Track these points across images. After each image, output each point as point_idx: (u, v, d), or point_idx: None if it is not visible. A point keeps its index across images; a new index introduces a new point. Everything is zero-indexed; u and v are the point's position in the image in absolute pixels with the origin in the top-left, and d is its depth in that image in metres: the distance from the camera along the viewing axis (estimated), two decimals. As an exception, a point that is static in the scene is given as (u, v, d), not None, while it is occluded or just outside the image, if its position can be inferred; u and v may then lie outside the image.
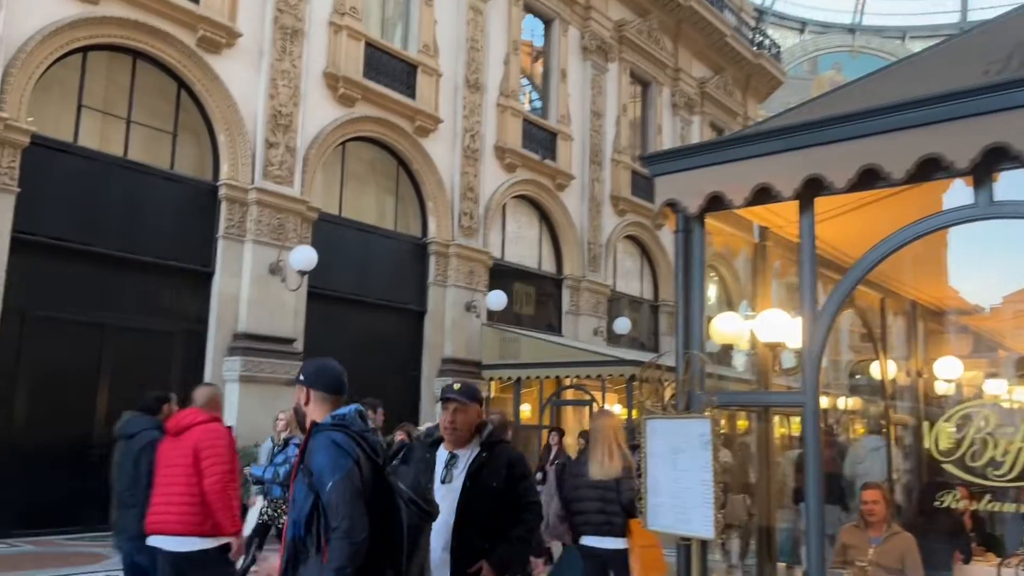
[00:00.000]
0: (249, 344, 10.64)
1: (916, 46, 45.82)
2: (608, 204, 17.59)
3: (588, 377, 12.81)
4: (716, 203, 3.26)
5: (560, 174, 16.17)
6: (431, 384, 13.32)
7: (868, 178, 2.81)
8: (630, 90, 18.89)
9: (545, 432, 13.26)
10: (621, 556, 4.91)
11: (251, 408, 10.44)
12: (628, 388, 12.50)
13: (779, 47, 24.90)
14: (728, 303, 22.19)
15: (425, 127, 13.49)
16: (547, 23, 16.83)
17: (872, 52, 44.76)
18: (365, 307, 12.75)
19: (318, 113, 11.99)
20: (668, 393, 3.55)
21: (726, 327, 4.01)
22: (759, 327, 3.95)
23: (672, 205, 3.41)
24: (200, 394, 5.02)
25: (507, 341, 13.81)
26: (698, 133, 20.83)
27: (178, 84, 10.70)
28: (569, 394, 14.50)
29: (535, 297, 15.89)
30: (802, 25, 44.26)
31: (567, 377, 13.20)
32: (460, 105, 14.23)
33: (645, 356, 15.62)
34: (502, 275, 15.00)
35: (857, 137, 2.81)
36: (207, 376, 10.44)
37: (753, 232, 4.04)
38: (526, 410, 14.88)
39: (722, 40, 21.08)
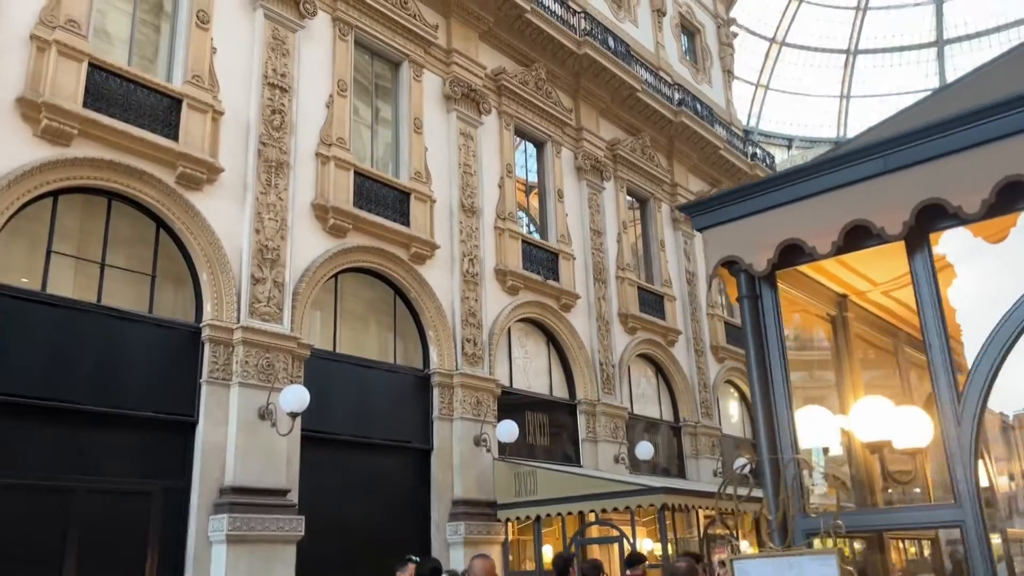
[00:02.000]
0: (237, 499, 9.57)
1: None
2: (617, 323, 16.82)
3: (615, 510, 11.60)
4: (790, 256, 2.44)
5: (565, 294, 15.49)
6: (442, 530, 12.10)
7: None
8: (628, 207, 18.54)
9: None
10: None
11: (240, 573, 9.26)
12: (660, 519, 11.27)
13: (773, 156, 24.87)
14: (753, 423, 21.07)
15: (421, 253, 12.90)
16: (539, 146, 16.62)
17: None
18: (365, 448, 11.73)
19: (307, 246, 11.42)
20: (748, 522, 2.64)
21: (813, 424, 3.08)
22: (856, 423, 3.03)
23: (731, 264, 2.58)
24: (479, 566, 5.31)
25: (522, 475, 12.66)
26: (701, 247, 20.33)
27: (156, 224, 10.15)
28: (594, 531, 13.21)
29: (549, 426, 14.84)
30: (789, 142, 44.99)
31: (591, 511, 11.99)
32: (456, 230, 13.72)
33: (674, 483, 14.46)
34: (512, 404, 14.03)
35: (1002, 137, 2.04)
36: (190, 539, 9.33)
37: (828, 302, 3.19)
38: (548, 553, 13.51)
39: (716, 153, 20.98)
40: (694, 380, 18.48)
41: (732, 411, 20.55)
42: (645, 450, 15.47)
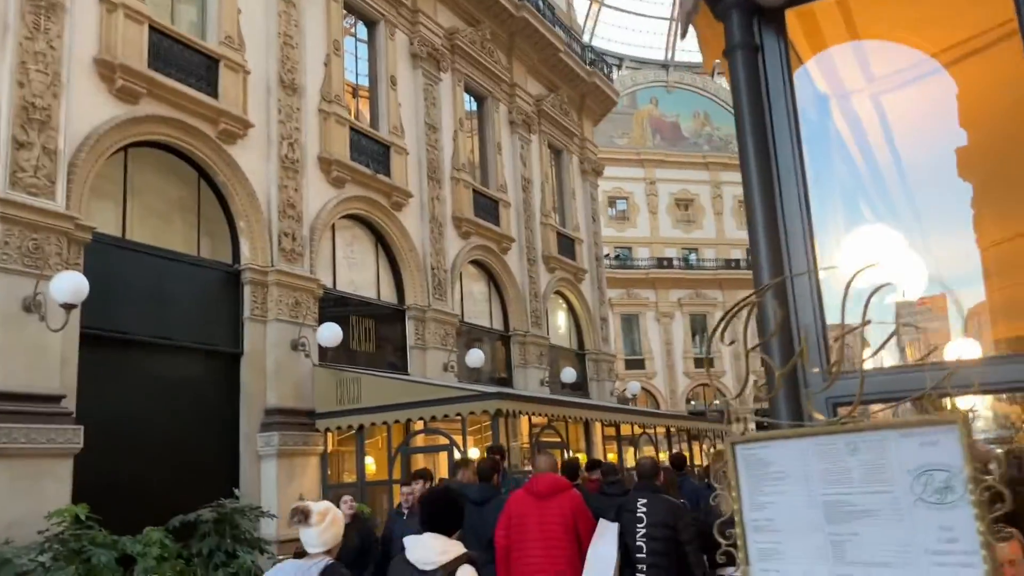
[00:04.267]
0: (-5, 406, 7.88)
1: (725, 82, 48.03)
2: (451, 226, 15.86)
3: (446, 417, 10.85)
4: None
5: (396, 191, 14.28)
6: (252, 441, 10.88)
7: None
8: (466, 104, 17.42)
9: (397, 488, 11.15)
10: None
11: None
12: (494, 425, 10.64)
13: (611, 65, 24.45)
14: (579, 336, 21.01)
15: (232, 131, 11.22)
16: (371, 26, 15.04)
17: (686, 87, 46.41)
18: (163, 351, 10.20)
19: (88, 109, 9.47)
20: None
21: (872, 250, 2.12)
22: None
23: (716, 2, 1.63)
24: (545, 462, 5.70)
25: (345, 382, 11.61)
26: (538, 152, 19.67)
27: None
28: (420, 440, 12.46)
29: (375, 332, 13.78)
30: (619, 61, 45.06)
31: (419, 419, 11.18)
32: (274, 109, 12.06)
33: (506, 391, 13.97)
34: (335, 307, 12.83)
35: None
36: (-70, 454, 7.59)
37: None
38: (371, 464, 12.66)
39: (556, 56, 20.16)
40: (525, 289, 17.98)
41: (560, 321, 20.36)
42: (476, 357, 14.83)
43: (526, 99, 19.26)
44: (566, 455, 13.21)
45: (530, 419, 12.38)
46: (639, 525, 4.92)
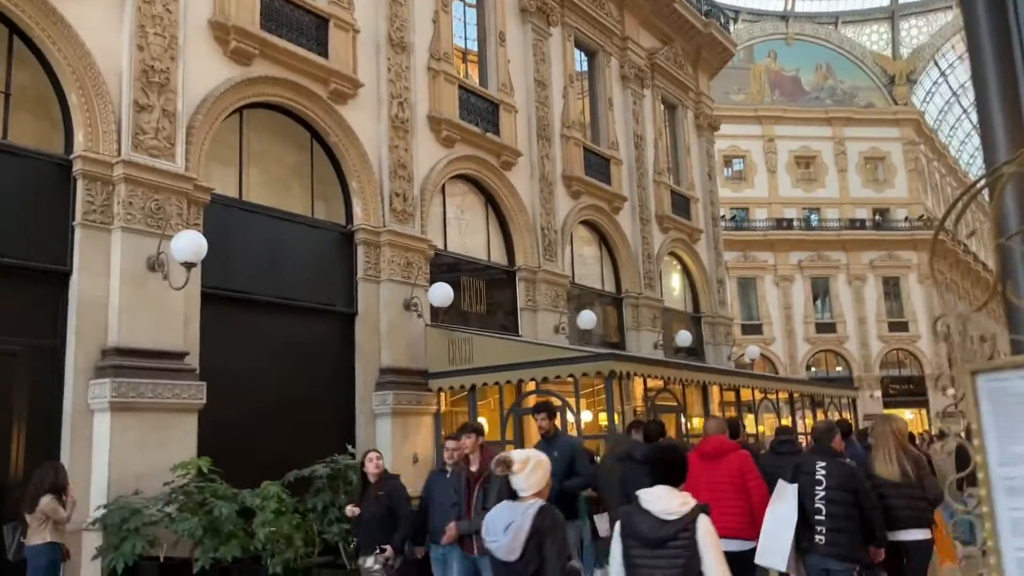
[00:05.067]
0: (123, 361, 8.14)
1: (849, 32, 45.31)
2: (561, 185, 15.50)
3: (557, 378, 10.60)
4: None
5: (506, 150, 14.02)
6: (368, 401, 10.97)
7: None
8: (577, 59, 16.91)
9: (510, 448, 11.01)
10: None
11: (127, 446, 7.96)
12: (608, 386, 10.32)
13: (728, 16, 23.31)
14: (694, 299, 20.31)
15: (343, 91, 11.20)
16: (479, -19, 14.73)
17: (807, 39, 44.07)
18: (280, 310, 10.35)
19: (204, 71, 9.61)
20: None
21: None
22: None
23: None
24: (714, 426, 6.38)
25: (457, 343, 11.53)
26: (651, 108, 18.97)
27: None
28: (532, 401, 12.26)
29: (485, 293, 13.65)
30: (735, 14, 43.16)
31: (531, 380, 10.97)
32: (384, 68, 11.98)
33: (619, 353, 13.60)
34: (445, 268, 12.76)
35: None
36: (66, 405, 7.94)
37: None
38: (484, 424, 12.55)
39: (670, 6, 19.31)
40: (638, 250, 17.46)
41: (674, 284, 19.74)
42: (587, 319, 14.51)
43: (638, 53, 18.56)
44: (682, 420, 12.78)
45: (645, 382, 11.99)
46: (818, 488, 5.01)
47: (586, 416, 13.14)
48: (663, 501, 3.29)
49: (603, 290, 16.91)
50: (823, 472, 5.08)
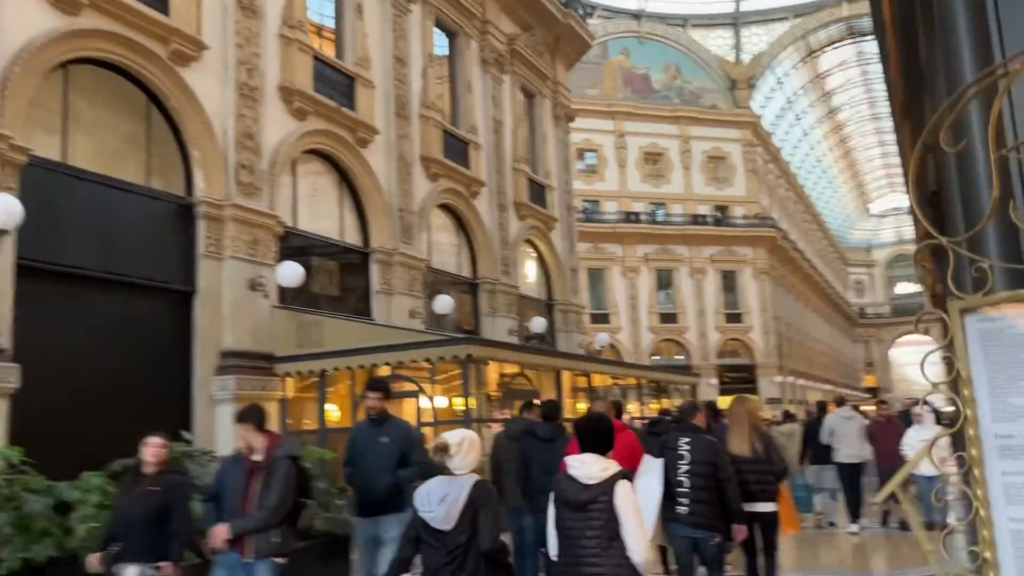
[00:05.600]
0: (-84, 340, 7.14)
1: (696, 35, 47.33)
2: (419, 166, 15.14)
3: (413, 363, 10.31)
4: None
5: (362, 126, 13.51)
6: (206, 385, 10.24)
7: None
8: (437, 40, 16.56)
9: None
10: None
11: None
12: (464, 371, 10.13)
13: (587, 8, 23.62)
14: (548, 287, 20.52)
15: (185, 52, 10.37)
16: (337, -51, 14.08)
17: (658, 39, 45.60)
18: (109, 287, 9.47)
19: (21, 19, 8.58)
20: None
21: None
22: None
23: None
24: (602, 406, 7.45)
25: (306, 326, 11.00)
26: (510, 95, 18.92)
27: None
28: (387, 387, 11.90)
29: (338, 274, 13.12)
30: (591, 9, 44.05)
31: (385, 365, 10.61)
32: (232, 30, 11.20)
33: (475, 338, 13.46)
34: (296, 247, 12.14)
35: None
36: None
37: None
38: (333, 412, 12.12)
39: (530, -7, 19.30)
40: (495, 236, 17.38)
41: (529, 271, 19.83)
42: (444, 304, 14.28)
43: (499, 37, 18.45)
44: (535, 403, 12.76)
45: (501, 367, 11.90)
46: (681, 462, 5.26)
47: (441, 402, 12.90)
48: (586, 467, 3.53)
49: (460, 275, 16.72)
50: (687, 447, 5.32)
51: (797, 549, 8.85)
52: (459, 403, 11.69)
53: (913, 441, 8.74)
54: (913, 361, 78.52)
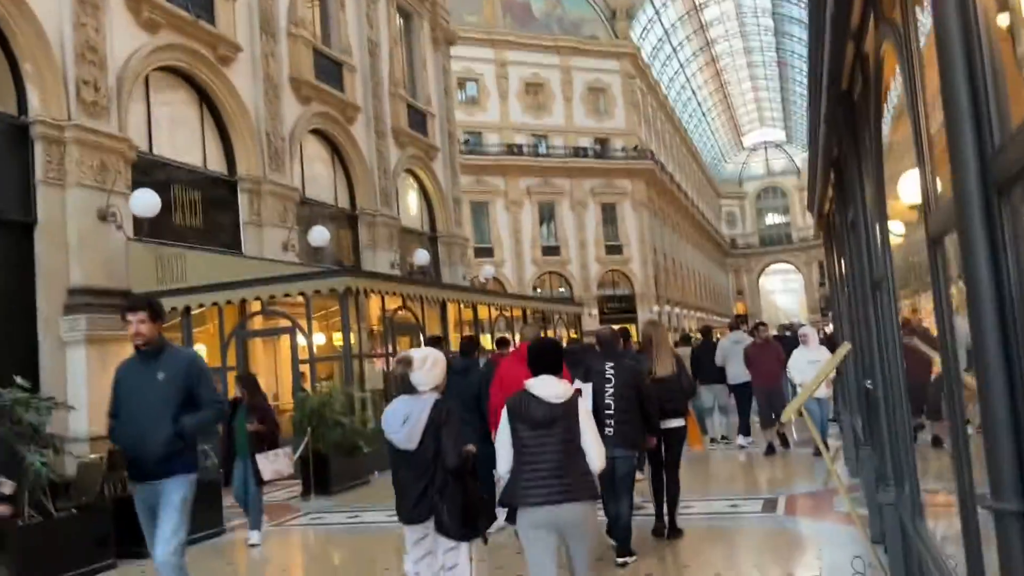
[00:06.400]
0: None
1: (576, -37, 46.55)
2: (288, 88, 14.11)
3: (287, 297, 9.65)
4: None
5: (223, 42, 12.38)
6: (53, 326, 9.27)
7: None
8: (303, -49, 15.35)
9: (231, 375, 9.96)
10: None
11: None
12: (343, 304, 9.56)
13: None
14: (431, 219, 19.91)
15: (7, -51, 9.03)
16: None
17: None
18: (-73, 218, 8.30)
19: None
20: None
21: None
22: None
23: None
24: (531, 331, 7.50)
25: (167, 259, 10.12)
26: (385, 14, 17.92)
27: None
28: (258, 322, 11.21)
29: (201, 204, 12.12)
30: (470, -67, 42.45)
31: (256, 299, 9.90)
32: (64, -74, 9.86)
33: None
34: (152, 174, 11.09)
35: None
36: None
37: None
38: (202, 351, 11.32)
39: (405, -94, 18.17)
40: (374, 165, 16.59)
41: (411, 202, 19.18)
42: (320, 235, 13.52)
43: (373, -48, 17.33)
44: (420, 338, 12.39)
45: (383, 300, 11.36)
46: (608, 385, 5.48)
47: (319, 339, 12.30)
48: (550, 387, 3.69)
49: (337, 206, 15.91)
50: (612, 372, 5.55)
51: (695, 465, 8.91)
52: (338, 339, 11.15)
53: (800, 363, 8.83)
54: (779, 288, 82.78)
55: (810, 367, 8.62)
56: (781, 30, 55.44)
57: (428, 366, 3.74)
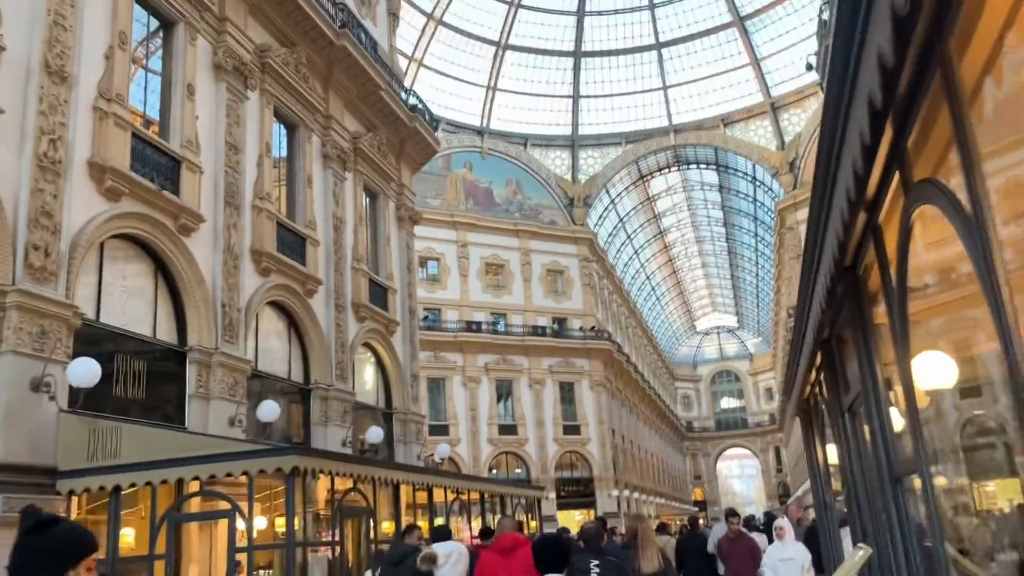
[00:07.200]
0: None
1: (536, 153, 49.11)
2: (248, 259, 13.94)
3: (229, 476, 8.91)
4: None
5: (186, 212, 12.27)
6: (-36, 507, 8.36)
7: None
8: (277, 133, 15.73)
9: (159, 565, 9.02)
10: None
11: None
12: (289, 485, 8.82)
13: (432, 115, 23.64)
14: (387, 394, 19.34)
15: (-29, 113, 8.96)
16: (167, 26, 13.14)
17: (500, 155, 46.86)
18: None
19: None
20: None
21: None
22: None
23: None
24: (508, 523, 7.15)
25: (101, 433, 9.37)
26: (352, 192, 18.22)
27: None
28: (195, 504, 10.33)
29: (146, 375, 11.51)
30: (436, 123, 44.71)
31: (195, 479, 9.13)
32: (34, 95, 9.87)
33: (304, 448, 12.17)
34: (97, 342, 10.56)
35: None
36: None
37: None
38: (129, 536, 10.33)
39: (376, 94, 19.00)
40: (331, 338, 16.22)
41: (367, 377, 18.67)
42: (269, 411, 12.86)
43: (342, 134, 17.86)
44: (372, 523, 11.53)
45: (333, 481, 10.62)
46: None
47: (260, 523, 11.36)
48: None
49: (290, 380, 15.34)
50: (597, 570, 5.38)
51: None
52: (281, 524, 10.28)
53: (773, 561, 8.23)
54: (736, 474, 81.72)
55: (783, 566, 8.06)
56: (730, 221, 58.18)
57: (453, 562, 3.97)
